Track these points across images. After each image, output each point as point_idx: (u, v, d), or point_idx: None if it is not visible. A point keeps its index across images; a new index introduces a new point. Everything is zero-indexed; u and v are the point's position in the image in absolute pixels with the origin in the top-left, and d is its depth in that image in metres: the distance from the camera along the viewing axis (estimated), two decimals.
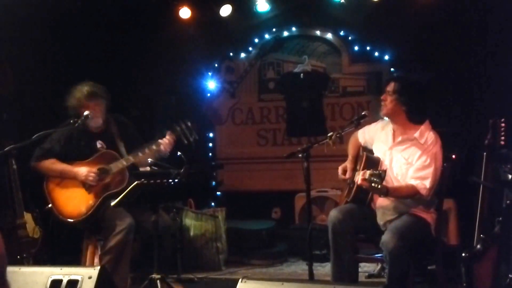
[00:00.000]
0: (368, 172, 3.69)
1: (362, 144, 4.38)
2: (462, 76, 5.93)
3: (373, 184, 3.64)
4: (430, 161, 3.93)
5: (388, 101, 4.07)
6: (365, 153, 4.20)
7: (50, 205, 4.49)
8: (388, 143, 4.14)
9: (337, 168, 4.38)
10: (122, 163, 4.47)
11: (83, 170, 4.45)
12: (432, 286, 4.52)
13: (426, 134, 4.01)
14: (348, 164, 4.34)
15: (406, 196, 3.94)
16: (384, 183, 3.71)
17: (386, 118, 4.24)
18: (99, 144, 4.63)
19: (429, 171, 3.91)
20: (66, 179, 4.50)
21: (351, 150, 4.41)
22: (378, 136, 4.27)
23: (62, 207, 4.46)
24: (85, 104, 4.52)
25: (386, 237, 3.80)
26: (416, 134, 4.02)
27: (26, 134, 4.54)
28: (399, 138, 4.09)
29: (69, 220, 4.43)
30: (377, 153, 4.19)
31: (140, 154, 4.48)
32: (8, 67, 5.56)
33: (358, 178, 3.77)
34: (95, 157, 4.56)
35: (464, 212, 5.41)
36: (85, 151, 4.58)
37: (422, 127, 4.04)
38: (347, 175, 4.27)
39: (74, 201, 4.46)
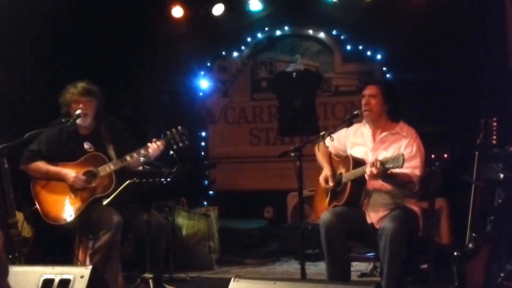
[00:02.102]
0: (379, 161, 3.77)
1: (333, 152, 4.39)
2: (454, 75, 5.94)
3: (391, 168, 3.72)
4: (416, 151, 4.05)
5: (372, 104, 4.16)
6: (350, 154, 4.21)
7: (36, 207, 4.46)
8: (369, 144, 4.21)
9: None
10: (110, 166, 4.42)
11: (71, 174, 4.41)
12: (424, 285, 4.53)
13: (406, 129, 4.18)
14: (327, 172, 4.29)
15: (403, 182, 3.99)
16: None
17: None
18: (86, 145, 4.58)
19: (417, 160, 4.02)
20: (53, 181, 4.47)
21: (324, 158, 4.38)
22: (352, 140, 4.31)
23: (48, 210, 4.42)
24: (77, 99, 4.50)
25: (385, 224, 3.89)
26: (397, 129, 4.17)
27: (18, 132, 4.51)
28: (381, 136, 4.18)
29: (54, 223, 4.39)
30: (357, 156, 4.21)
31: (128, 158, 4.43)
32: (0, 66, 5.53)
33: (368, 170, 3.81)
34: (83, 159, 4.51)
35: (456, 211, 5.43)
36: (73, 152, 4.53)
37: (401, 123, 4.21)
38: (331, 183, 4.24)
39: (60, 204, 4.42)
